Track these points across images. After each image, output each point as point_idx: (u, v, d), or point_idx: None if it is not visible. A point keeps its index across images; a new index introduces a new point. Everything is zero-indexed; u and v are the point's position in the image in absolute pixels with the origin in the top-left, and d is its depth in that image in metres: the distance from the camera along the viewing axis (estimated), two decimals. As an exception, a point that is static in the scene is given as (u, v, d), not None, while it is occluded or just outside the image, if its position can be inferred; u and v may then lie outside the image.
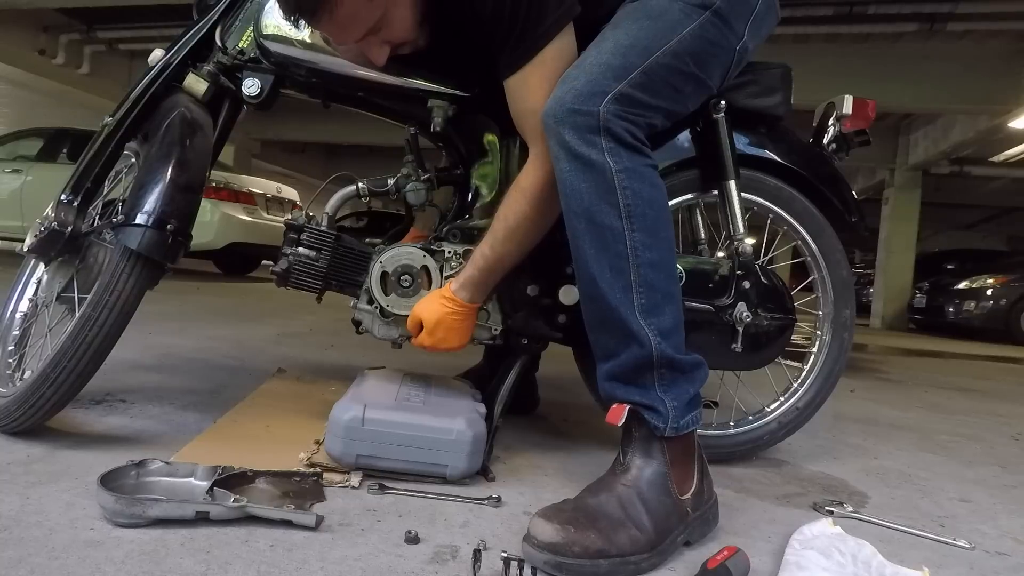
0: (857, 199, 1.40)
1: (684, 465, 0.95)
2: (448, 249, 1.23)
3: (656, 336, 0.94)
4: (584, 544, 0.81)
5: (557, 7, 1.00)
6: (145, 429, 1.23)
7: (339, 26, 0.99)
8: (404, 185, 1.25)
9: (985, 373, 4.16)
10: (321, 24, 0.99)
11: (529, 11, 0.98)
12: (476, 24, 1.01)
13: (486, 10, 0.99)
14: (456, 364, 1.78)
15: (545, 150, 1.00)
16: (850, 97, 1.36)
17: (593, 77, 0.96)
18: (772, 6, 1.13)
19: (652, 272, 0.95)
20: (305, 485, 0.98)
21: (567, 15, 1.01)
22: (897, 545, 1.01)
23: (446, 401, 1.18)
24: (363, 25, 0.99)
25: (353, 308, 1.23)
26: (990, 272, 8.45)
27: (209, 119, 1.21)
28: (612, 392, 0.98)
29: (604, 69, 0.97)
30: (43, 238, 1.16)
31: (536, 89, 1.02)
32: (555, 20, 1.00)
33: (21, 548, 0.75)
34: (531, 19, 0.98)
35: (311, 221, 1.24)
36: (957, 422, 2.18)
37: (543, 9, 0.99)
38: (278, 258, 1.22)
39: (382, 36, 1.03)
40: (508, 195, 1.09)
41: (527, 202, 1.06)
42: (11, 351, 1.27)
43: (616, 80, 0.96)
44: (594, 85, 0.95)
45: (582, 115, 0.94)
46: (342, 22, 0.98)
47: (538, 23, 0.99)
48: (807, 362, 1.41)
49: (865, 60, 6.89)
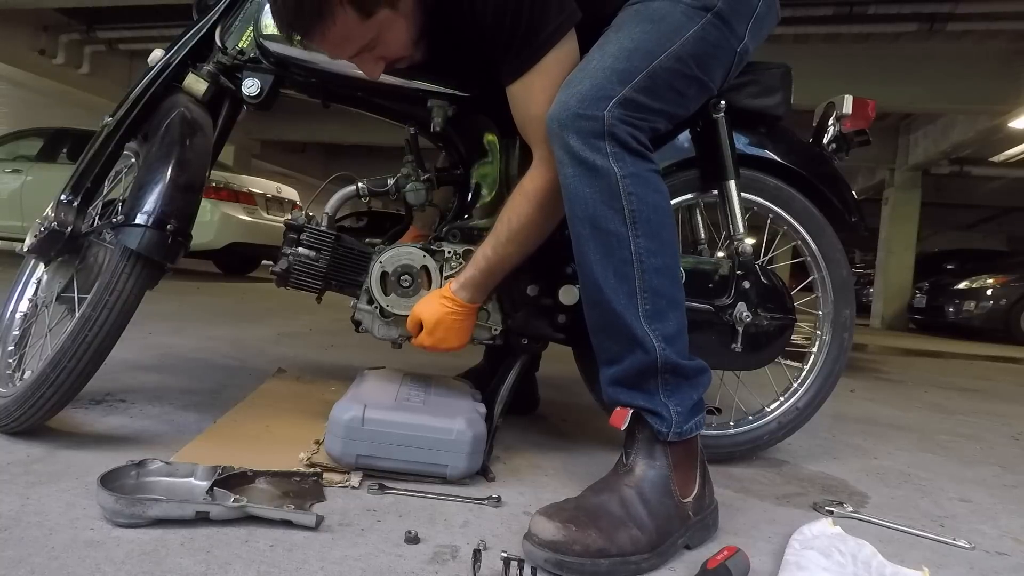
0: (857, 199, 1.40)
1: (686, 469, 0.95)
2: (448, 249, 1.23)
3: (661, 342, 0.94)
4: (585, 543, 0.82)
5: (559, 13, 1.00)
6: (145, 429, 1.23)
7: (331, 44, 0.99)
8: (404, 185, 1.25)
9: (985, 373, 4.16)
10: (314, 41, 0.99)
11: (531, 18, 0.98)
12: (477, 32, 1.01)
13: (487, 19, 0.99)
14: (456, 364, 1.78)
15: (549, 154, 1.00)
16: (850, 97, 1.36)
17: (597, 82, 0.96)
18: (772, 6, 1.13)
19: (657, 277, 0.95)
20: (305, 485, 0.98)
21: (569, 21, 1.01)
22: (897, 545, 1.01)
23: (446, 401, 1.18)
24: (355, 44, 1.00)
25: (353, 308, 1.23)
26: (990, 272, 8.44)
27: (209, 119, 1.21)
28: (616, 396, 0.98)
29: (608, 73, 0.97)
30: (43, 238, 1.16)
31: (539, 95, 1.02)
32: (557, 26, 1.00)
33: (21, 548, 0.75)
34: (533, 26, 0.98)
35: (311, 221, 1.24)
36: (957, 422, 2.18)
37: (545, 16, 0.98)
38: (278, 258, 1.22)
39: (376, 53, 1.03)
40: (512, 198, 1.09)
41: (531, 205, 1.06)
42: (11, 351, 1.27)
43: (620, 84, 0.96)
44: (598, 90, 0.95)
45: (587, 120, 0.94)
46: (334, 40, 0.98)
47: (540, 30, 0.99)
48: (807, 362, 1.42)
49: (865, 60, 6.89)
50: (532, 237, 1.09)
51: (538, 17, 0.98)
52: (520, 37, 0.99)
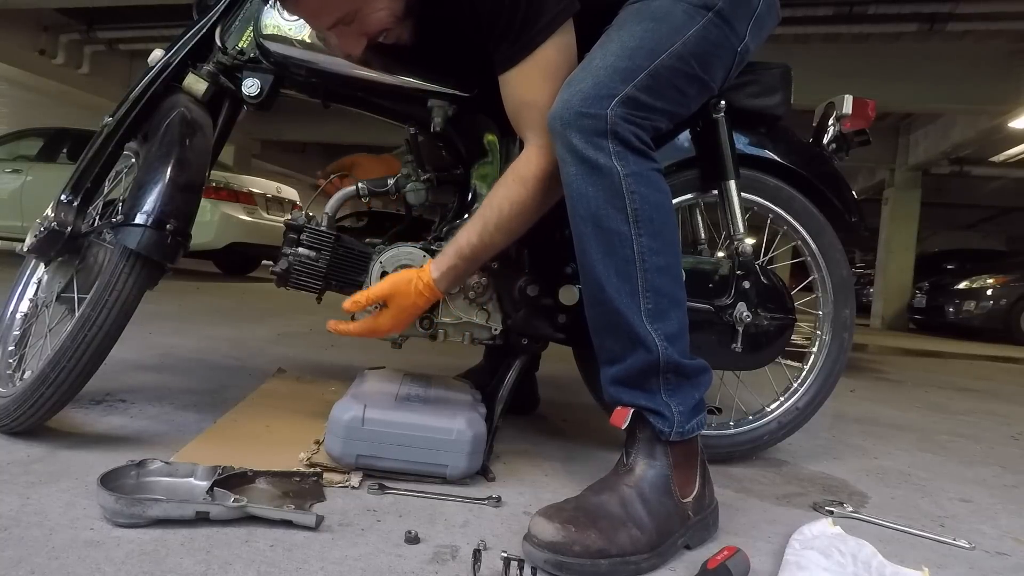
0: (857, 199, 1.40)
1: (687, 468, 0.95)
2: None
3: (663, 341, 0.94)
4: (585, 543, 0.81)
5: (557, 3, 0.99)
6: (145, 429, 1.23)
7: (308, 11, 1.01)
8: (404, 185, 1.25)
9: (985, 373, 4.16)
10: (292, 7, 1.02)
11: (528, 6, 0.98)
12: (473, 18, 1.01)
13: (484, 5, 0.99)
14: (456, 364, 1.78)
15: (547, 141, 1.00)
16: (850, 97, 1.36)
17: (600, 80, 0.96)
18: (773, 6, 1.13)
19: (659, 277, 0.95)
20: (305, 485, 0.98)
21: (566, 11, 1.01)
22: (897, 545, 1.01)
23: (446, 401, 1.18)
24: (332, 14, 1.00)
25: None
26: (990, 272, 8.45)
27: (209, 119, 1.20)
28: (617, 396, 0.98)
29: (611, 72, 0.96)
30: (43, 238, 1.15)
31: (535, 83, 1.02)
32: (554, 16, 1.00)
33: (21, 548, 0.75)
34: (530, 14, 0.98)
35: (311, 221, 1.24)
36: (957, 422, 2.18)
37: (542, 4, 0.98)
38: (278, 258, 1.22)
39: (355, 28, 1.02)
40: (502, 184, 1.05)
41: (527, 191, 1.03)
42: (11, 351, 1.27)
43: (623, 83, 0.96)
44: (601, 88, 0.95)
45: (589, 118, 0.94)
46: (311, 7, 1.00)
47: (537, 18, 0.99)
48: (807, 362, 1.42)
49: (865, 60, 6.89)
50: (523, 224, 1.06)
51: (535, 5, 0.98)
52: (517, 24, 0.99)
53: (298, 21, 1.16)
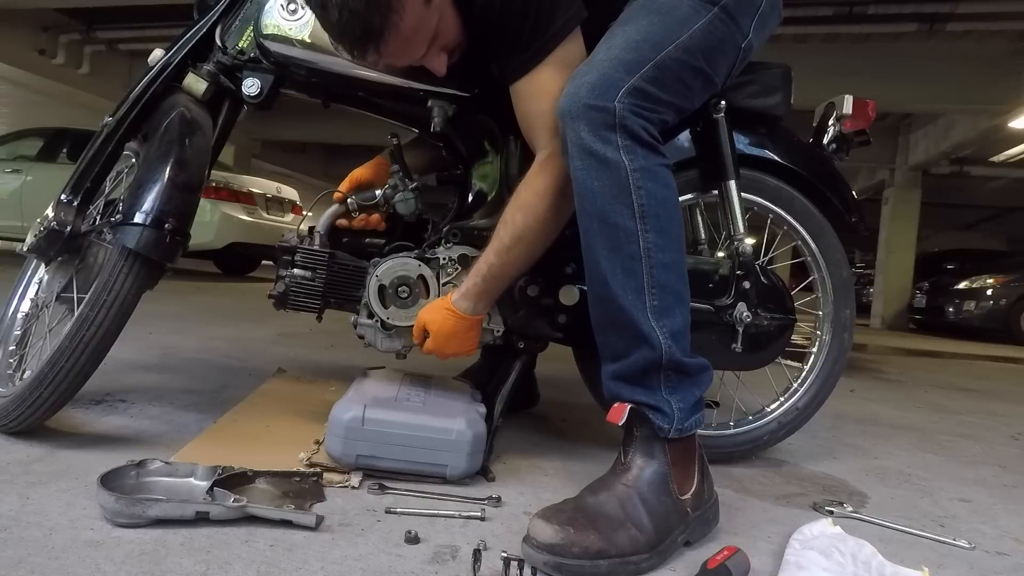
0: (857, 199, 1.40)
1: (685, 465, 0.95)
2: (443, 256, 1.22)
3: (667, 338, 0.94)
4: (584, 544, 0.81)
5: (566, 11, 1.00)
6: (145, 429, 1.23)
7: (404, 40, 0.95)
8: (393, 196, 1.25)
9: (985, 373, 4.16)
10: (387, 42, 0.93)
11: (538, 14, 0.98)
12: (482, 28, 1.01)
13: (494, 15, 0.98)
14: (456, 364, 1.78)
15: (558, 151, 0.99)
16: (850, 97, 1.36)
17: (605, 71, 0.95)
18: (776, 5, 1.13)
19: (665, 274, 0.95)
20: (305, 485, 0.98)
21: (575, 18, 1.01)
22: (897, 545, 1.01)
23: (446, 401, 1.18)
24: (424, 35, 0.97)
25: (354, 323, 1.23)
26: (990, 272, 8.45)
27: (209, 119, 1.20)
28: (617, 392, 0.98)
29: (616, 63, 0.96)
30: (43, 238, 1.15)
31: (547, 91, 1.01)
32: (564, 23, 1.00)
33: (21, 548, 0.74)
34: (540, 22, 0.98)
35: (303, 241, 1.24)
36: (957, 422, 2.18)
37: (552, 12, 0.98)
38: (275, 281, 1.22)
39: (439, 43, 1.01)
40: (516, 199, 1.06)
41: (541, 203, 1.03)
42: (12, 351, 1.27)
43: (628, 74, 0.96)
44: (607, 79, 0.95)
45: (597, 111, 0.93)
46: (407, 35, 0.94)
47: (547, 26, 0.99)
48: (807, 362, 1.42)
49: (865, 60, 6.88)
50: (539, 239, 1.06)
51: (545, 14, 0.98)
52: (527, 33, 0.99)
53: (298, 20, 1.16)
